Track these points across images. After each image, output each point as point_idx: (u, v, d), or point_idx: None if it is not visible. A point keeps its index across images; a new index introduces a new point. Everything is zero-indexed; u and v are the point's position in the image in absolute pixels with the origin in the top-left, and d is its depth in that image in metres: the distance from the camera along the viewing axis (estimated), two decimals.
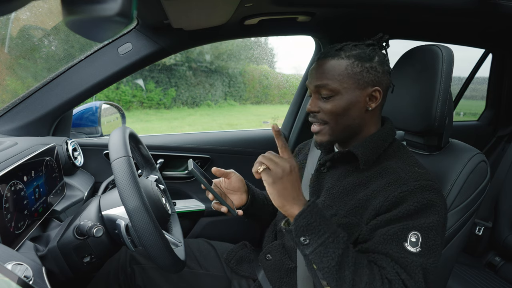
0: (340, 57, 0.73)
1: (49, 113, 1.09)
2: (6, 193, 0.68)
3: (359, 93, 0.73)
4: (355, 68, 0.72)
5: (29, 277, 0.57)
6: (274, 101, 7.95)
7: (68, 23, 0.28)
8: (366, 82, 0.73)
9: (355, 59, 0.72)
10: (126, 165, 0.68)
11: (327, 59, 0.74)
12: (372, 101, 0.75)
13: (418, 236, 0.64)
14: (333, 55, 0.74)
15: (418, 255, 0.63)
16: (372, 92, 0.74)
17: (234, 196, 0.91)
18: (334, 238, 0.62)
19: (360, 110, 0.75)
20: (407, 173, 0.70)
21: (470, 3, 1.00)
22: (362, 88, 0.73)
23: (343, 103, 0.73)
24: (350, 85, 0.72)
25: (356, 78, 0.72)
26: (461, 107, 2.05)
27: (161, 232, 0.68)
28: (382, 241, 0.65)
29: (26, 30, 1.27)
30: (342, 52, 0.74)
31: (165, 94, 7.17)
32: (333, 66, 0.73)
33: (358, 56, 0.73)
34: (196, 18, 0.98)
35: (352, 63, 0.72)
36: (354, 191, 0.74)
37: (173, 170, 1.40)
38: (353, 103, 0.73)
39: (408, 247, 0.64)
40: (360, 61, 0.72)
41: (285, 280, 0.86)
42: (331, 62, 0.73)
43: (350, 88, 0.73)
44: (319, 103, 0.76)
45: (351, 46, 0.75)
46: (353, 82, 0.72)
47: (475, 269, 1.43)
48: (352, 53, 0.73)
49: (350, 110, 0.74)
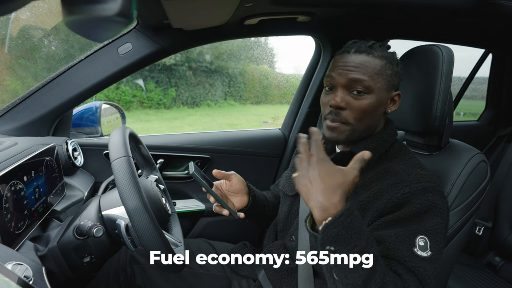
0: (374, 56, 0.72)
1: (49, 113, 1.09)
2: (6, 193, 0.68)
3: (386, 95, 0.74)
4: (388, 70, 0.73)
5: (29, 277, 0.57)
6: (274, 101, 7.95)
7: (68, 23, 0.28)
8: (392, 85, 0.74)
9: (387, 61, 0.73)
10: (126, 165, 0.68)
11: (361, 54, 0.73)
12: (391, 104, 0.76)
13: (425, 240, 0.64)
14: (367, 52, 0.73)
15: (429, 261, 0.62)
16: (394, 96, 0.76)
17: (235, 198, 0.90)
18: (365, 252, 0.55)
19: (382, 111, 0.76)
20: (410, 175, 0.70)
21: (470, 3, 1.00)
22: (389, 91, 0.75)
23: (374, 103, 0.73)
24: (382, 85, 0.73)
25: (387, 80, 0.73)
26: (461, 107, 2.05)
27: (161, 232, 0.68)
28: (392, 247, 0.64)
29: (26, 30, 1.27)
30: (374, 50, 0.73)
31: (165, 94, 7.16)
32: (369, 63, 0.72)
33: (389, 58, 0.73)
34: (196, 18, 0.98)
35: (385, 64, 0.73)
36: (356, 193, 0.74)
37: (173, 170, 1.40)
38: (381, 104, 0.74)
39: (418, 252, 0.63)
40: (391, 64, 0.73)
41: (285, 280, 0.86)
42: (366, 58, 0.72)
43: (381, 88, 0.73)
44: (348, 99, 0.73)
45: (378, 46, 0.75)
46: (385, 83, 0.73)
47: (475, 269, 1.43)
48: (383, 54, 0.73)
49: (377, 110, 0.74)
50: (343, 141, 0.76)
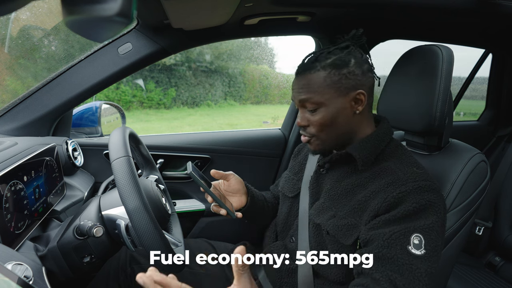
0: (316, 69, 0.73)
1: (49, 113, 1.09)
2: (6, 193, 0.68)
3: (342, 100, 0.74)
4: (333, 77, 0.72)
5: (29, 277, 0.57)
6: (274, 101, 7.95)
7: (68, 23, 0.28)
8: (347, 88, 0.73)
9: (331, 68, 0.72)
10: (126, 165, 0.68)
11: (305, 73, 0.75)
12: (358, 104, 0.75)
13: (420, 238, 0.64)
14: (310, 68, 0.74)
15: (423, 259, 0.63)
16: (356, 96, 0.74)
17: (234, 198, 0.91)
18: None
19: (347, 116, 0.75)
20: (406, 174, 0.70)
21: (470, 3, 1.00)
22: (345, 95, 0.73)
23: (329, 114, 0.74)
24: (332, 94, 0.73)
25: (336, 87, 0.73)
26: (461, 107, 2.05)
27: (161, 232, 0.68)
28: (386, 245, 0.64)
29: (26, 30, 1.27)
30: (317, 63, 0.74)
31: (165, 94, 7.16)
32: (312, 79, 0.73)
33: (333, 64, 0.72)
34: (196, 18, 0.98)
35: (329, 73, 0.72)
36: (353, 192, 0.74)
37: (173, 170, 1.40)
38: (340, 111, 0.74)
39: (412, 250, 0.63)
40: (337, 69, 0.72)
41: (285, 280, 0.86)
42: (309, 76, 0.74)
43: (333, 97, 0.73)
44: (307, 116, 0.77)
45: (325, 54, 0.74)
46: (335, 91, 0.73)
47: (475, 269, 1.43)
48: (327, 62, 0.73)
49: (337, 119, 0.75)
50: (319, 151, 0.81)
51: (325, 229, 0.75)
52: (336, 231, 0.72)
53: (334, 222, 0.73)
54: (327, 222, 0.74)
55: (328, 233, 0.74)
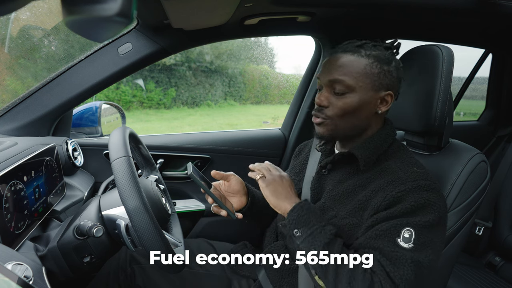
0: (360, 55, 0.72)
1: (49, 113, 1.09)
2: (6, 193, 0.68)
3: (372, 94, 0.73)
4: (374, 69, 0.72)
5: (29, 277, 0.57)
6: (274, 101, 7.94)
7: (68, 23, 0.28)
8: (381, 85, 0.73)
9: (375, 60, 0.72)
10: (126, 165, 0.68)
11: (346, 54, 0.73)
12: (382, 104, 0.75)
13: (411, 232, 0.64)
14: (353, 51, 0.73)
15: (410, 251, 0.63)
16: (385, 96, 0.74)
17: (234, 199, 0.90)
18: (322, 229, 0.68)
19: (369, 111, 0.74)
20: (406, 173, 0.70)
21: (470, 3, 1.00)
22: (376, 90, 0.73)
23: (355, 102, 0.72)
24: (366, 84, 0.72)
25: (373, 79, 0.72)
26: (461, 107, 2.05)
27: (161, 232, 0.68)
28: (374, 236, 0.66)
29: (26, 30, 1.27)
30: (362, 49, 0.73)
31: (165, 94, 7.16)
32: (352, 62, 0.72)
33: (378, 57, 0.72)
34: (196, 18, 0.98)
35: (371, 63, 0.72)
36: (354, 193, 0.74)
37: (173, 170, 1.40)
38: (365, 104, 0.73)
39: (400, 243, 0.64)
40: (379, 63, 0.72)
41: (286, 280, 0.86)
42: (350, 58, 0.72)
43: (366, 88, 0.72)
44: (331, 98, 0.74)
45: (370, 46, 0.74)
46: (370, 82, 0.72)
47: (475, 269, 1.43)
48: (372, 53, 0.72)
49: (360, 110, 0.73)
50: (327, 137, 0.77)
51: None
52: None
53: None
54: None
55: None
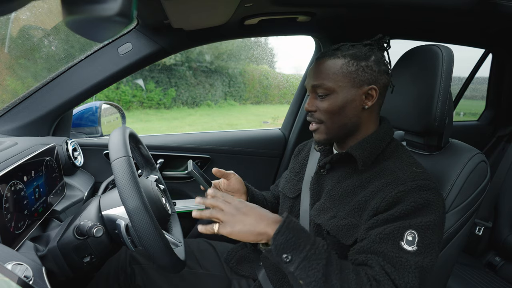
0: (336, 57, 0.74)
1: (49, 113, 1.09)
2: (6, 193, 0.68)
3: (354, 91, 0.74)
4: (350, 66, 0.73)
5: (29, 277, 0.57)
6: (274, 101, 7.95)
7: (68, 23, 0.28)
8: (362, 81, 0.73)
9: (351, 58, 0.73)
10: (126, 165, 0.68)
11: (324, 59, 0.75)
12: (368, 99, 0.75)
13: (414, 234, 0.64)
14: (330, 55, 0.75)
15: (414, 254, 0.63)
16: (368, 91, 0.74)
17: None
18: (315, 249, 0.61)
19: (356, 108, 0.75)
20: (405, 173, 0.70)
21: (470, 3, 1.00)
22: (358, 87, 0.74)
23: (338, 102, 0.74)
24: (345, 83, 0.73)
25: (352, 77, 0.73)
26: (461, 107, 2.05)
27: (161, 232, 0.68)
28: (378, 240, 0.65)
29: (26, 30, 1.27)
30: (338, 51, 0.75)
31: (165, 94, 7.16)
32: (329, 66, 0.74)
33: (354, 55, 0.73)
34: (196, 18, 0.98)
35: (347, 62, 0.73)
36: (353, 193, 0.74)
37: (173, 170, 1.40)
38: (349, 101, 0.74)
39: (404, 246, 0.63)
40: (356, 60, 0.73)
41: (286, 280, 0.86)
42: (327, 62, 0.75)
43: (346, 86, 0.73)
44: (316, 102, 0.77)
45: (348, 46, 0.76)
46: (349, 80, 0.73)
47: (475, 269, 1.43)
48: (348, 52, 0.74)
49: (346, 108, 0.74)
50: (324, 141, 0.79)
51: (325, 229, 0.75)
52: (337, 231, 0.72)
53: (334, 222, 0.73)
54: (328, 223, 0.74)
55: (328, 233, 0.75)
